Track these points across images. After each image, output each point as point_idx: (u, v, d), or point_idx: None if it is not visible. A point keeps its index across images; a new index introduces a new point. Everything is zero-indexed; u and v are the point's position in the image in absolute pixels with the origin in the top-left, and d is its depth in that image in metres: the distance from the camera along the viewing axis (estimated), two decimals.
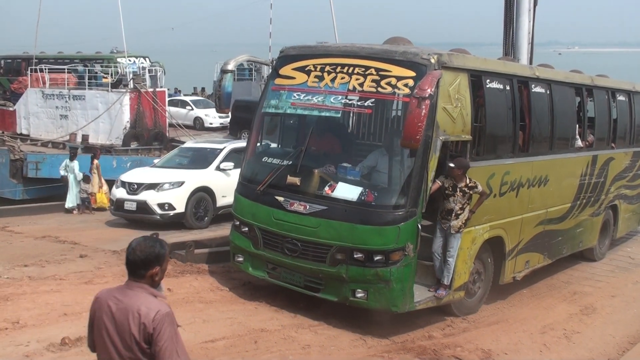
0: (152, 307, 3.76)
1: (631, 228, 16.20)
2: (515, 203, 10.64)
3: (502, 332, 9.51)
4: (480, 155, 9.78)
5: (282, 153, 10.07)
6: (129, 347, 3.74)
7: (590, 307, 11.03)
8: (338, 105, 9.17)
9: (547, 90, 11.39)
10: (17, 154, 23.49)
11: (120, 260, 11.41)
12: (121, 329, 3.77)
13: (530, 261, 11.34)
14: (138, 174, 16.46)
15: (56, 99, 27.97)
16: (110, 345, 3.82)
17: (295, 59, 9.88)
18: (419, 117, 7.91)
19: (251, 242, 9.85)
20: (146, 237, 4.00)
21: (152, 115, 26.72)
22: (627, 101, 14.66)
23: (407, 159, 8.67)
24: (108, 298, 3.88)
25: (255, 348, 8.12)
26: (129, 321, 3.74)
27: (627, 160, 14.71)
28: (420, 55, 8.78)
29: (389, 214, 8.69)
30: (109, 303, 3.87)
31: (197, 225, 15.60)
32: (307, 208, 9.09)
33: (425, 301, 9.14)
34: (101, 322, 3.88)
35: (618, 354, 9.11)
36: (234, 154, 16.44)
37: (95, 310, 3.96)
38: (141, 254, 3.86)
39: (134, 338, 3.72)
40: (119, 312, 3.78)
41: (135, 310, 3.73)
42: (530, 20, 15.19)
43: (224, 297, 10.02)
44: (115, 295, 3.88)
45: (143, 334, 3.71)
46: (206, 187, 15.84)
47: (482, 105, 9.77)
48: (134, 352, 3.73)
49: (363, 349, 8.55)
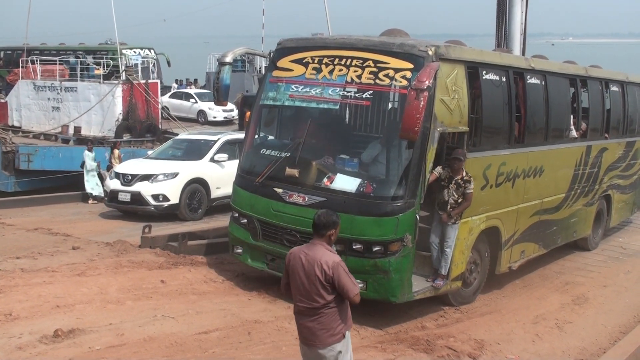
0: (329, 258, 5.45)
1: (624, 217, 16.30)
2: (511, 193, 10.70)
3: (495, 323, 9.54)
4: (476, 146, 9.82)
5: (281, 145, 10.08)
6: (313, 283, 5.45)
7: (582, 297, 11.08)
8: (336, 97, 9.21)
9: (542, 81, 11.43)
10: (8, 146, 23.34)
11: (113, 252, 11.41)
12: (308, 272, 5.46)
13: (525, 251, 11.42)
14: (132, 165, 16.43)
15: (48, 90, 27.73)
16: (300, 284, 5.53)
17: (293, 51, 9.90)
18: (417, 109, 7.97)
19: (250, 234, 9.89)
20: (327, 210, 5.82)
21: (144, 107, 26.59)
22: (620, 92, 14.72)
23: (406, 151, 8.72)
24: (299, 252, 5.59)
25: (248, 339, 8.13)
26: (314, 267, 5.43)
27: (620, 151, 14.79)
28: (418, 47, 8.82)
29: (388, 205, 8.73)
30: (300, 255, 5.55)
31: (190, 216, 15.60)
32: (306, 199, 9.14)
33: (423, 291, 9.20)
34: (295, 269, 5.57)
35: (610, 344, 9.15)
36: (228, 145, 16.46)
37: (290, 260, 5.64)
38: (324, 219, 5.56)
39: (317, 278, 5.42)
40: (307, 261, 5.48)
41: (318, 260, 5.43)
42: (522, 11, 15.20)
43: (217, 288, 10.02)
44: (304, 250, 5.58)
45: (324, 275, 5.41)
46: (200, 179, 15.85)
47: (478, 97, 9.81)
48: (316, 286, 5.44)
49: (356, 340, 8.56)
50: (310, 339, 5.60)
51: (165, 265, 10.73)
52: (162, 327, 8.23)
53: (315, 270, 5.42)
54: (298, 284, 5.56)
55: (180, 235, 12.01)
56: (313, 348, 5.60)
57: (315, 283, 5.44)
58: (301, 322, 5.66)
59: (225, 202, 16.24)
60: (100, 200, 18.81)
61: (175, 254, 11.43)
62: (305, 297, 5.53)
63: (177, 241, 11.77)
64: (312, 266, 5.45)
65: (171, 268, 10.63)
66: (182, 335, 8.02)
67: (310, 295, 5.49)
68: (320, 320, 5.52)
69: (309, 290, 5.48)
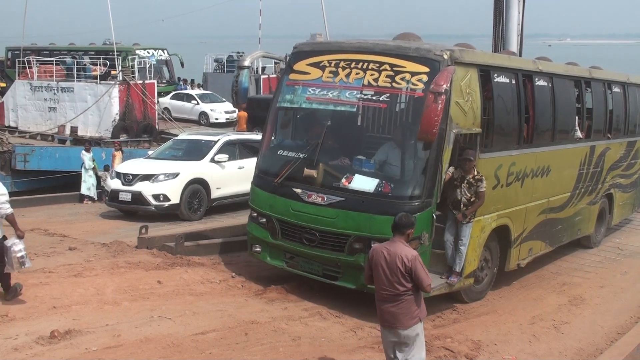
0: (408, 252, 6.47)
1: (625, 216, 16.57)
2: (520, 193, 11.00)
3: (492, 323, 9.56)
4: (488, 147, 10.11)
5: (298, 146, 10.25)
6: (395, 273, 6.42)
7: (579, 297, 11.10)
8: (353, 99, 9.46)
9: (549, 83, 11.75)
10: (5, 146, 23.34)
11: (110, 253, 11.39)
12: (391, 265, 6.44)
13: (533, 248, 11.67)
14: (133, 165, 16.38)
15: (44, 91, 27.69)
16: (383, 274, 6.50)
17: (309, 55, 10.17)
18: (435, 111, 8.28)
19: (269, 233, 10.08)
20: (406, 213, 7.03)
21: (141, 107, 26.57)
22: (622, 92, 15.05)
23: (422, 152, 9.00)
24: (381, 248, 6.59)
25: (245, 340, 8.12)
26: (395, 260, 6.41)
27: (622, 150, 15.10)
28: (434, 52, 9.12)
29: (406, 205, 8.93)
30: (382, 251, 6.55)
31: (191, 216, 15.54)
32: (324, 199, 9.38)
33: (438, 287, 9.41)
34: (377, 262, 6.54)
35: (606, 344, 9.16)
36: (228, 146, 16.44)
37: (372, 256, 6.63)
38: (405, 220, 6.62)
39: (398, 268, 6.40)
40: (389, 255, 6.47)
41: (399, 254, 6.43)
42: (519, 12, 15.25)
43: (214, 289, 10.01)
44: (385, 246, 6.59)
45: (404, 267, 6.39)
46: (201, 179, 15.81)
47: (490, 99, 10.09)
48: (397, 276, 6.41)
49: (353, 341, 8.58)
50: (392, 322, 6.57)
51: (162, 266, 10.71)
52: (159, 328, 8.21)
53: (397, 262, 6.41)
54: (381, 275, 6.53)
55: (177, 236, 12.00)
56: (395, 330, 6.58)
57: (396, 273, 6.42)
58: (384, 308, 6.61)
59: (225, 202, 16.27)
60: (94, 202, 18.82)
61: (172, 254, 11.42)
62: (388, 286, 6.49)
63: (174, 242, 11.75)
64: (394, 259, 6.43)
65: (168, 269, 10.61)
66: (179, 336, 8.00)
67: (392, 283, 6.46)
68: (400, 305, 6.49)
69: (391, 279, 6.46)
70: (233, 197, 16.25)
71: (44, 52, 34.23)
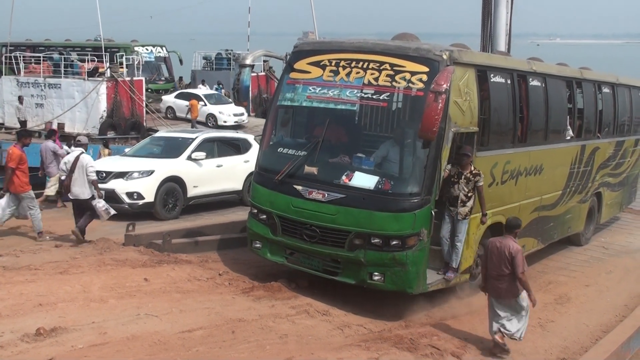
0: (513, 245, 8.40)
1: (613, 214, 16.81)
2: (514, 191, 11.23)
3: (478, 321, 9.58)
4: (484, 145, 10.27)
5: (299, 144, 10.31)
6: (502, 260, 8.38)
7: (564, 296, 11.19)
8: (353, 98, 9.61)
9: (542, 84, 11.95)
10: None
11: (96, 250, 11.33)
12: (499, 255, 8.42)
13: (526, 245, 11.77)
14: (107, 163, 16.08)
15: (31, 87, 27.50)
16: (494, 259, 8.45)
17: (310, 54, 10.29)
18: (435, 111, 8.48)
19: (269, 229, 10.15)
20: (515, 216, 9.55)
21: (129, 104, 26.44)
22: (612, 93, 15.26)
23: (422, 150, 9.13)
24: (495, 241, 8.56)
25: (232, 338, 8.11)
26: (504, 250, 8.37)
27: (611, 150, 15.33)
28: (433, 52, 9.31)
29: (406, 202, 9.14)
30: (495, 243, 8.50)
31: (166, 215, 15.27)
32: (325, 196, 9.49)
33: (436, 283, 9.70)
34: (492, 250, 8.50)
35: (591, 342, 9.25)
36: (206, 143, 16.28)
37: (489, 246, 8.59)
38: (514, 222, 8.68)
39: (505, 257, 8.35)
40: (501, 246, 8.43)
41: (508, 246, 8.38)
42: (507, 11, 15.33)
43: (201, 287, 9.99)
44: (498, 239, 8.56)
45: (509, 256, 8.33)
46: (176, 177, 15.50)
47: (486, 99, 10.26)
48: (504, 261, 8.38)
49: (340, 339, 8.59)
50: (502, 294, 8.52)
51: (148, 263, 10.67)
52: (146, 325, 8.18)
53: (505, 252, 8.34)
54: (493, 260, 8.49)
55: (164, 233, 11.96)
56: (506, 300, 8.54)
57: (503, 259, 8.36)
58: (494, 284, 8.56)
59: (202, 201, 16.07)
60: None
61: (159, 252, 11.38)
62: (497, 268, 8.44)
63: (161, 239, 11.71)
64: (503, 249, 8.37)
65: (155, 266, 10.56)
66: (166, 334, 7.98)
67: (500, 267, 8.40)
68: (505, 283, 8.45)
69: (499, 264, 8.40)
70: (210, 195, 16.18)
71: (39, 47, 33.85)
